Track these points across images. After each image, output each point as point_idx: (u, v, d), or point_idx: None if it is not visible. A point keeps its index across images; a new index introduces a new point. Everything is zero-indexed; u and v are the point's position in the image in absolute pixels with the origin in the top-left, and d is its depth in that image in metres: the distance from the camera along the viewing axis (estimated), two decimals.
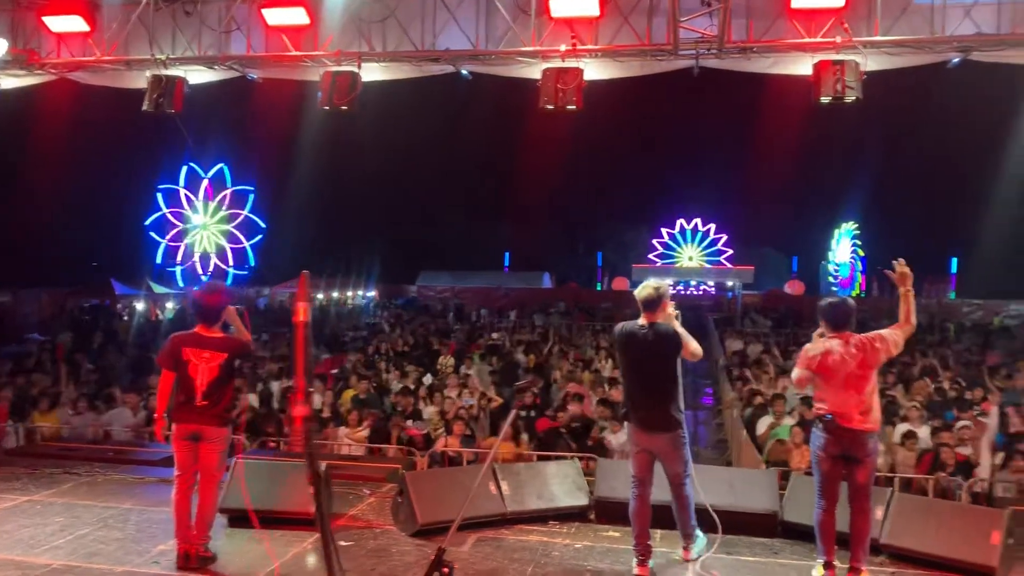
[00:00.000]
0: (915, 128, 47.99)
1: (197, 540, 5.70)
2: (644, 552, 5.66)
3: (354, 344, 19.23)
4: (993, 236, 45.87)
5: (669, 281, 53.23)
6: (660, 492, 5.92)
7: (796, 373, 5.71)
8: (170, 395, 5.77)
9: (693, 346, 5.71)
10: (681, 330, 5.71)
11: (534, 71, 9.04)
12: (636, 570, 5.64)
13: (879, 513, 6.16)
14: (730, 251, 57.66)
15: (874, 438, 5.46)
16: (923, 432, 9.88)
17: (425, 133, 50.30)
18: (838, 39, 8.12)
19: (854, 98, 8.04)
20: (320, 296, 38.91)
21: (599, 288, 54.66)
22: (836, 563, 5.53)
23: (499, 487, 6.81)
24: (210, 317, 5.81)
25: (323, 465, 6.73)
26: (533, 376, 13.49)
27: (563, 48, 8.72)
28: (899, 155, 52.62)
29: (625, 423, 6.01)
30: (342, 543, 6.22)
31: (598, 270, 60.00)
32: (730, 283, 50.50)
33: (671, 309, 5.80)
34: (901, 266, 5.68)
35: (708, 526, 5.98)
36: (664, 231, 58.69)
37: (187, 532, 5.67)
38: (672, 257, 58.77)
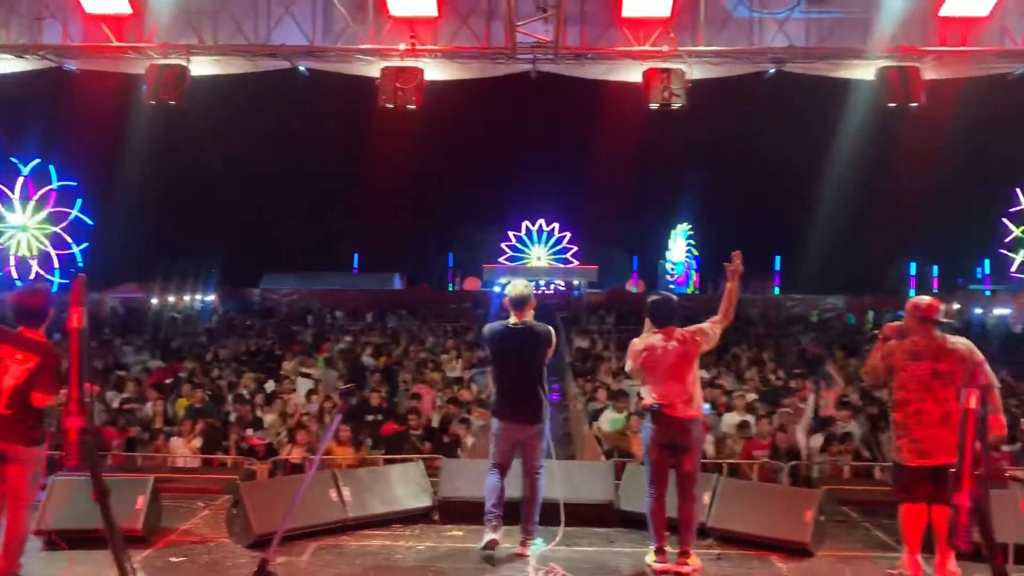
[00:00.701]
0: (744, 134, 51.11)
1: (6, 568, 5.25)
2: (497, 520, 5.98)
3: (190, 351, 18.34)
4: (813, 236, 49.56)
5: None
6: (511, 489, 6.12)
7: (627, 366, 6.11)
8: None
9: (554, 340, 6.07)
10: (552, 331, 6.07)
11: (373, 69, 8.93)
12: (488, 535, 5.94)
13: (706, 498, 6.50)
14: (575, 248, 59.29)
15: (698, 425, 5.84)
16: (752, 420, 10.51)
17: (268, 131, 48.74)
18: (665, 48, 8.50)
19: (680, 105, 8.45)
20: (155, 300, 36.89)
21: (451, 288, 54.83)
22: (667, 548, 5.81)
23: (340, 493, 6.68)
24: (32, 318, 5.20)
25: (151, 479, 6.49)
26: (356, 382, 13.25)
27: (402, 47, 8.67)
28: (730, 159, 55.92)
29: (494, 418, 6.15)
30: (173, 559, 5.95)
31: (449, 270, 60.17)
32: (576, 282, 51.97)
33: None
34: (738, 258, 6.13)
35: (554, 521, 6.12)
36: (512, 234, 59.59)
37: None
38: (521, 257, 59.76)
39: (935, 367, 5.37)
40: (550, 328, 6.08)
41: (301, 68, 9.45)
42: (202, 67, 9.47)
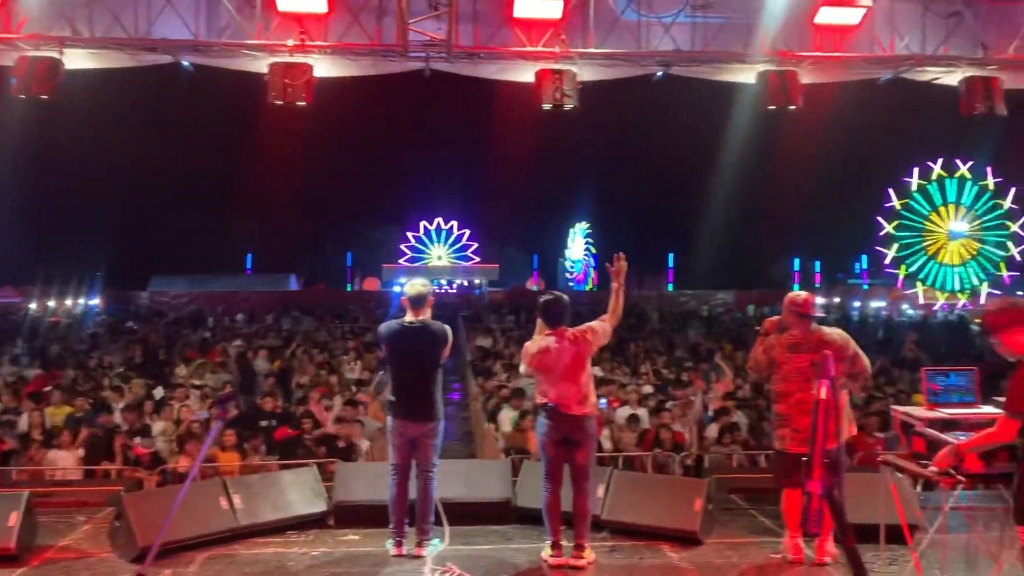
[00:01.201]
0: (638, 135, 52.34)
1: None
2: (401, 534, 6.01)
3: (72, 358, 17.45)
4: (704, 234, 51.24)
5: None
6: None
7: (521, 368, 6.19)
8: None
9: (451, 338, 6.12)
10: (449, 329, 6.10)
11: (261, 65, 8.72)
12: (393, 551, 5.97)
13: (600, 491, 6.63)
14: (475, 246, 59.33)
15: (591, 421, 5.92)
16: (643, 413, 10.79)
17: (154, 127, 46.80)
18: (557, 49, 8.62)
19: (572, 106, 8.58)
20: (33, 305, 34.92)
21: (349, 289, 54.00)
22: (563, 542, 5.88)
23: (230, 501, 6.48)
24: None
25: (25, 493, 6.14)
26: (236, 388, 12.93)
27: (291, 43, 8.49)
28: (625, 159, 57.13)
29: (389, 416, 6.11)
30: None
31: (348, 270, 59.25)
32: (477, 281, 52.05)
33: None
34: (621, 259, 6.16)
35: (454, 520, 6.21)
36: (411, 235, 59.16)
37: None
38: (421, 256, 59.41)
39: (813, 359, 5.63)
40: (446, 327, 6.09)
41: (185, 63, 9.13)
42: (77, 60, 9.04)
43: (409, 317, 6.04)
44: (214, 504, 6.42)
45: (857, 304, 40.05)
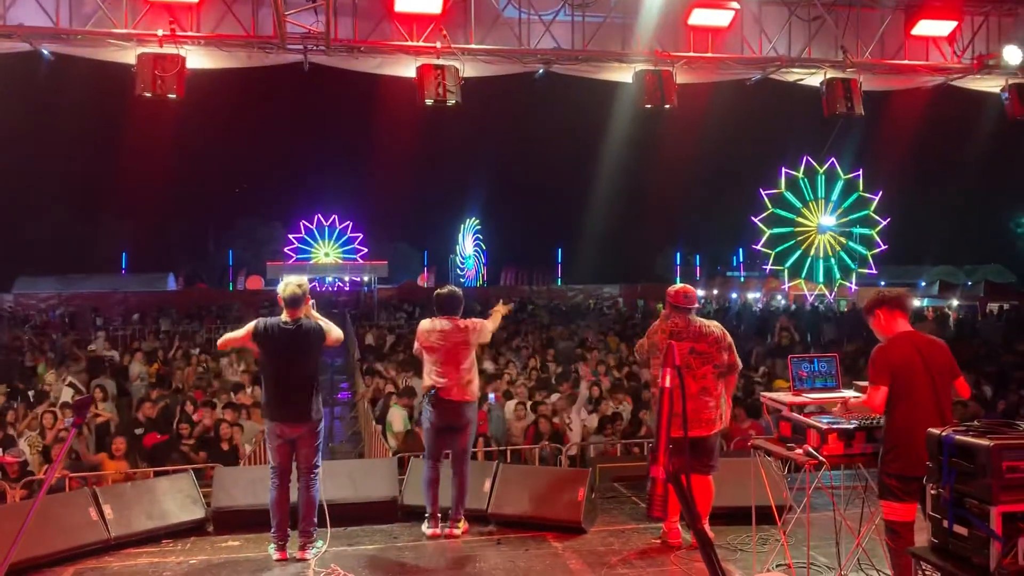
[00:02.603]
0: (523, 132, 52.93)
1: None
2: (283, 538, 5.92)
3: None
4: (590, 229, 52.31)
5: (306, 278, 52.81)
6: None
7: (415, 347, 6.57)
8: None
9: (335, 333, 6.07)
10: (323, 320, 6.07)
11: (128, 55, 8.30)
12: (276, 555, 5.88)
13: (487, 485, 6.69)
14: (363, 246, 58.54)
15: (472, 407, 6.41)
16: (527, 404, 10.91)
17: (15, 119, 43.93)
18: (438, 45, 8.58)
19: (455, 101, 8.56)
20: None
21: (231, 288, 52.31)
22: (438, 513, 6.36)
23: (100, 512, 6.19)
24: None
25: None
26: (90, 393, 12.35)
27: (160, 33, 8.13)
28: (512, 156, 57.67)
29: (265, 419, 6.06)
30: None
31: (230, 269, 57.41)
32: (366, 277, 51.33)
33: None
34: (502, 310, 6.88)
35: (330, 522, 6.08)
36: (292, 237, 57.78)
37: None
38: (308, 253, 58.14)
39: (693, 346, 5.88)
40: (321, 325, 6.01)
41: (45, 52, 8.60)
42: None
43: (284, 317, 5.94)
44: (83, 515, 6.13)
45: (734, 295, 41.74)
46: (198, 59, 8.62)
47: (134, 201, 52.47)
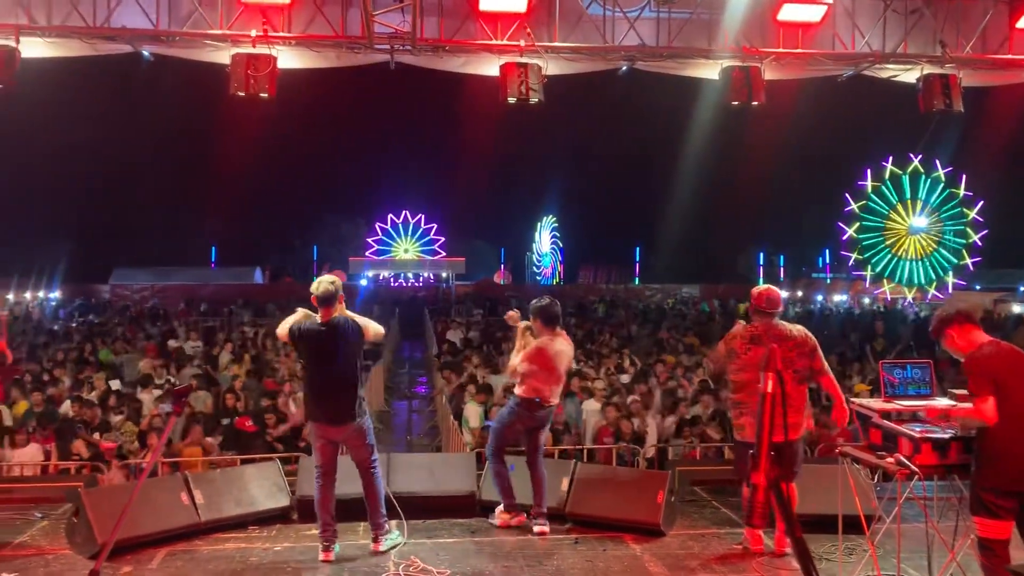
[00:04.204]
0: (604, 129, 52.55)
1: None
2: (330, 538, 5.86)
3: (30, 352, 17.11)
4: (670, 227, 51.64)
5: (387, 272, 53.13)
6: (355, 485, 6.06)
7: (522, 367, 6.39)
8: None
9: (374, 328, 5.95)
10: (358, 317, 5.92)
11: (223, 56, 8.60)
12: (321, 556, 5.81)
13: (564, 484, 6.68)
14: (442, 239, 59.15)
15: (555, 409, 6.60)
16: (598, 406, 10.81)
17: (116, 118, 46.02)
18: (522, 43, 8.61)
19: (537, 100, 8.58)
20: None
21: (315, 281, 53.49)
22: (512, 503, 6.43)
23: (191, 496, 6.42)
24: None
25: None
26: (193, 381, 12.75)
27: (254, 34, 8.39)
28: (591, 153, 57.36)
29: (308, 420, 6.16)
30: (4, 574, 5.56)
31: (314, 264, 58.76)
32: (444, 274, 51.90)
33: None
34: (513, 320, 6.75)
35: (409, 514, 6.20)
36: (378, 226, 58.84)
37: None
38: (388, 249, 59.11)
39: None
40: (359, 323, 5.85)
41: (145, 53, 8.97)
42: (34, 49, 8.84)
43: (319, 316, 5.83)
44: (175, 500, 6.36)
45: (820, 297, 40.61)
46: (289, 59, 8.86)
47: (225, 197, 54.27)
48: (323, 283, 5.86)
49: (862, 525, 5.18)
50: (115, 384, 12.33)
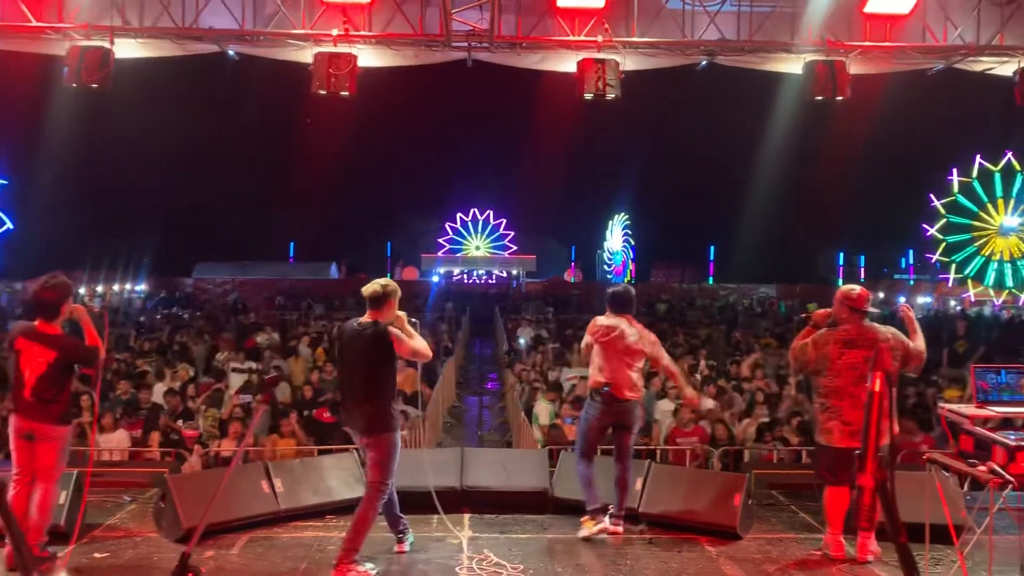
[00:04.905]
0: (678, 125, 51.82)
1: (31, 541, 5.23)
2: (402, 530, 5.87)
3: (118, 342, 17.84)
4: (746, 226, 50.60)
5: (458, 269, 53.52)
6: (424, 478, 6.19)
7: (584, 340, 6.38)
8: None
9: (412, 346, 5.50)
10: (397, 331, 5.46)
11: (305, 55, 8.79)
12: (396, 547, 5.85)
13: (638, 484, 6.61)
14: (513, 242, 59.33)
15: (638, 406, 6.31)
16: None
17: (200, 115, 47.50)
18: (599, 39, 8.56)
19: (614, 95, 8.52)
20: (82, 290, 35.68)
21: (389, 277, 54.25)
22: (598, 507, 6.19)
23: (271, 485, 6.58)
24: (46, 312, 5.48)
25: (73, 473, 6.29)
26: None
27: (335, 33, 8.54)
28: (665, 150, 56.57)
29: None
30: (97, 555, 5.80)
31: (387, 260, 59.62)
32: (514, 271, 52.06)
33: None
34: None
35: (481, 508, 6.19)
36: (448, 226, 59.33)
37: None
38: (460, 246, 59.58)
39: (868, 355, 5.54)
40: (388, 329, 5.43)
41: (231, 52, 9.24)
42: (127, 50, 9.20)
43: (364, 318, 5.55)
44: (256, 488, 6.52)
45: (902, 300, 39.29)
46: (368, 57, 9.00)
47: (303, 194, 55.49)
48: (374, 284, 5.58)
49: (951, 535, 4.99)
50: (197, 374, 12.72)
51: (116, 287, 39.64)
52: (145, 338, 17.92)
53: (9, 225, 40.56)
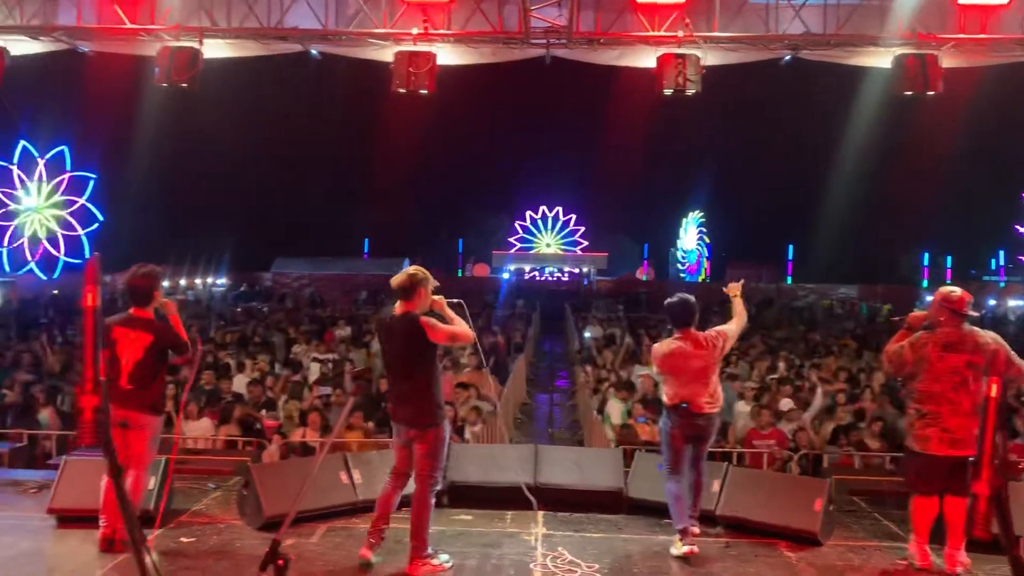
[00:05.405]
0: (757, 122, 50.75)
1: (122, 524, 5.43)
2: (373, 535, 5.51)
3: (200, 333, 18.44)
4: (826, 224, 49.27)
5: (529, 266, 53.43)
6: (504, 473, 6.17)
7: (653, 370, 6.25)
8: None
9: (448, 331, 5.33)
10: (429, 319, 5.29)
11: (386, 54, 8.92)
12: (361, 550, 5.49)
13: (716, 486, 6.50)
14: (584, 238, 59.14)
15: (717, 418, 6.08)
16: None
17: (281, 113, 48.74)
18: (680, 34, 8.45)
19: (694, 91, 8.40)
20: (165, 284, 36.99)
21: (460, 274, 54.87)
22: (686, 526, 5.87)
23: (350, 476, 6.70)
24: (140, 299, 5.72)
25: (163, 459, 6.52)
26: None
27: (415, 32, 8.64)
28: (742, 146, 55.54)
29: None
30: (183, 540, 5.99)
31: (459, 256, 60.13)
32: (585, 269, 51.88)
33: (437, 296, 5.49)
34: (733, 289, 6.29)
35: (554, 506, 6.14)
36: (518, 224, 59.48)
37: (113, 516, 5.52)
38: (530, 243, 59.68)
39: (970, 359, 5.35)
40: (422, 323, 5.23)
41: (313, 52, 9.44)
42: (215, 50, 9.49)
43: (396, 309, 5.43)
44: (335, 478, 6.64)
45: (992, 303, 37.69)
46: (447, 55, 9.08)
47: (378, 191, 56.42)
48: (402, 274, 5.42)
49: None
50: (276, 366, 13.04)
51: (198, 281, 40.99)
52: (226, 330, 18.46)
53: (100, 218, 42.39)
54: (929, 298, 5.89)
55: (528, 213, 59.75)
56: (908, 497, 5.64)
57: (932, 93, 8.55)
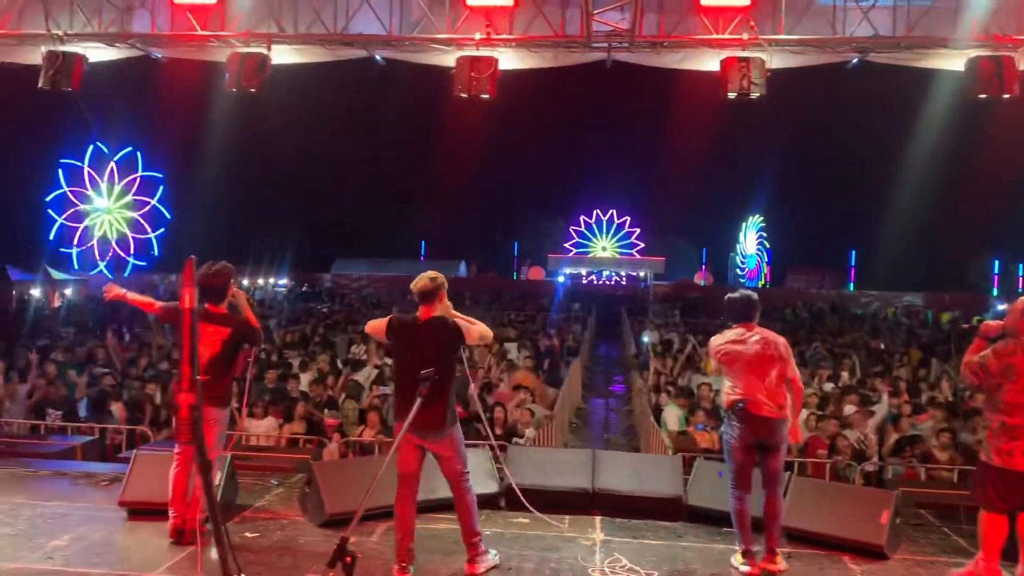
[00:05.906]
0: (819, 126, 49.78)
1: (192, 515, 5.68)
2: (404, 558, 5.37)
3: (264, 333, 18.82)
4: (890, 230, 48.06)
5: (585, 270, 53.22)
6: (561, 478, 6.08)
7: (711, 365, 6.06)
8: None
9: (478, 330, 5.42)
10: (460, 319, 5.42)
11: (448, 59, 9.00)
12: (394, 574, 5.35)
13: None
14: (641, 242, 58.72)
15: (784, 425, 5.66)
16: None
17: (342, 118, 49.59)
18: (744, 36, 8.35)
19: (759, 94, 8.29)
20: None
21: (515, 277, 55.02)
22: (753, 548, 5.65)
23: None
24: (215, 296, 5.93)
25: (228, 456, 6.69)
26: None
27: (478, 37, 8.70)
28: (803, 152, 54.50)
29: (395, 419, 5.67)
30: (247, 535, 6.13)
31: (514, 259, 60.29)
32: (642, 273, 51.50)
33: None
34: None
35: (612, 512, 6.10)
36: (572, 230, 59.38)
37: (182, 507, 5.71)
38: (586, 247, 59.51)
39: None
40: (459, 325, 5.34)
41: (378, 57, 9.57)
42: (282, 56, 9.69)
43: (418, 313, 5.41)
44: (394, 478, 6.69)
45: None
46: (508, 60, 9.12)
47: (435, 194, 56.93)
48: (423, 278, 5.41)
49: None
50: (335, 365, 13.24)
51: (261, 281, 41.89)
52: (288, 330, 18.81)
53: (168, 216, 43.60)
54: (1001, 307, 5.70)
55: (582, 218, 59.57)
56: (978, 512, 5.47)
57: (1008, 96, 8.28)
